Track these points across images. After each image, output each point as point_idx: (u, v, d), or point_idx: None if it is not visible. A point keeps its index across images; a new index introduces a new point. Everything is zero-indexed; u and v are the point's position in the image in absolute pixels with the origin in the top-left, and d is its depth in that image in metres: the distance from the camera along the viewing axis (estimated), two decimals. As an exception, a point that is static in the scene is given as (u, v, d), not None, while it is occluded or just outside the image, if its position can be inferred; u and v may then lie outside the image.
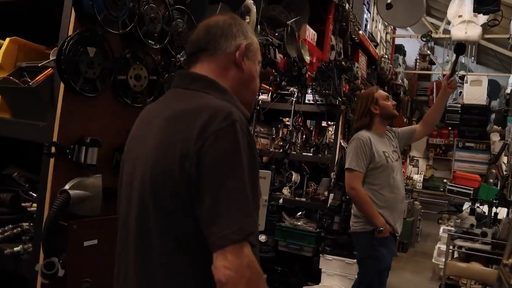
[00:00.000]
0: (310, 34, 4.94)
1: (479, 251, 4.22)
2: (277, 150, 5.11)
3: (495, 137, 5.95)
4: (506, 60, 11.38)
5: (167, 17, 1.96)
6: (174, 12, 2.00)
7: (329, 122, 5.77)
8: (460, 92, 11.92)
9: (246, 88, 1.40)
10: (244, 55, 1.37)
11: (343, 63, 5.10)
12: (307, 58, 4.66)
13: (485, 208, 4.57)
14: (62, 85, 1.68)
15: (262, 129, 5.50)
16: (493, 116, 9.71)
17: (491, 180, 7.11)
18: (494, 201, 4.46)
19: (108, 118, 1.86)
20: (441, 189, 10.91)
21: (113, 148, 1.86)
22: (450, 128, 12.29)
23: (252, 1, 2.74)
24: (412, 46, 11.95)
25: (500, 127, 7.34)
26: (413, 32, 10.72)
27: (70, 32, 1.68)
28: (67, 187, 1.64)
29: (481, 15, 8.20)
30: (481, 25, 8.33)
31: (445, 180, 11.20)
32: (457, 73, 11.42)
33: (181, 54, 1.99)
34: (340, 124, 4.93)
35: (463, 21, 8.26)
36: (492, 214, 4.44)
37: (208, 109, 1.18)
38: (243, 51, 1.36)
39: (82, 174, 1.71)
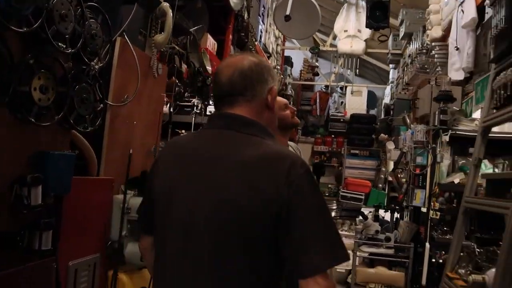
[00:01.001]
0: (211, 43, 4.77)
1: (384, 255, 4.34)
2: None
3: (390, 146, 6.28)
4: (383, 73, 12.29)
5: (79, 15, 1.63)
6: (86, 10, 1.68)
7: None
8: (342, 102, 12.65)
9: (273, 125, 1.54)
10: (272, 95, 1.49)
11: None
12: (209, 69, 4.48)
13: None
14: None
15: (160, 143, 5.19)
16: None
17: (380, 185, 7.52)
18: (396, 207, 4.64)
19: (2, 141, 1.48)
20: (327, 194, 11.41)
21: (11, 180, 1.50)
22: (333, 136, 12.97)
23: (168, 5, 2.50)
24: (297, 58, 12.35)
25: (386, 135, 7.79)
26: (299, 45, 11.08)
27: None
28: None
29: (364, 31, 8.74)
30: (364, 40, 8.84)
31: (330, 186, 11.76)
32: (338, 84, 12.11)
33: (95, 61, 1.68)
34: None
35: (349, 36, 8.70)
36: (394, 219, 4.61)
37: (286, 158, 1.33)
38: (275, 95, 1.49)
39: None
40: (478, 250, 2.23)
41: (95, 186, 2.14)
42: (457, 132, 4.27)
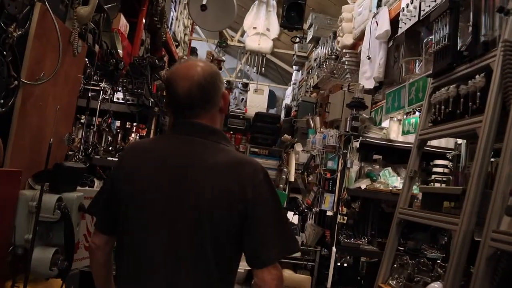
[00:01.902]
0: (123, 25, 4.39)
1: (291, 258, 4.32)
2: (77, 154, 4.38)
3: (298, 147, 6.32)
4: (285, 74, 12.51)
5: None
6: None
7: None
8: (243, 99, 12.66)
9: (222, 124, 1.69)
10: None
11: (156, 61, 4.70)
12: (121, 52, 4.11)
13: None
14: None
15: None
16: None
17: (281, 186, 7.59)
18: (305, 210, 4.64)
19: None
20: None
21: None
22: (232, 132, 12.94)
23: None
24: (202, 50, 12.11)
25: (290, 136, 7.88)
26: (205, 37, 10.84)
27: None
28: None
29: (273, 30, 8.76)
30: (272, 39, 8.87)
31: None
32: (240, 81, 12.09)
33: (13, 27, 1.35)
34: (152, 127, 4.52)
35: (257, 33, 8.66)
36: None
37: (250, 163, 1.53)
38: (228, 100, 1.65)
39: None
40: (411, 262, 2.24)
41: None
42: (367, 139, 4.39)
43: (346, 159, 4.31)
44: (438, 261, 2.32)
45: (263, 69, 9.12)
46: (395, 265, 2.27)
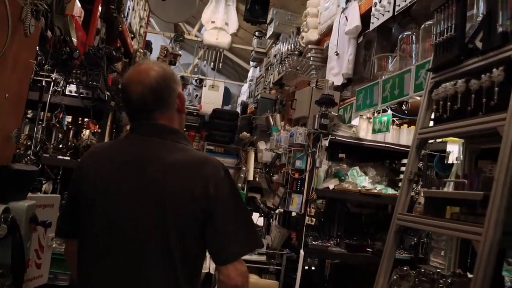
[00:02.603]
0: (78, 11, 4.01)
1: (256, 262, 4.11)
2: (28, 154, 3.98)
3: (261, 146, 6.10)
4: (241, 71, 12.28)
5: None
6: None
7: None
8: (197, 95, 12.31)
9: (183, 124, 1.71)
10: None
11: (113, 51, 4.36)
12: (75, 40, 3.74)
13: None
14: None
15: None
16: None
17: (240, 185, 7.35)
18: (271, 211, 4.44)
19: None
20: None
21: None
22: (185, 129, 12.60)
23: None
24: (156, 44, 11.68)
25: (249, 134, 7.66)
26: (160, 30, 10.44)
27: None
28: None
29: (232, 25, 8.53)
30: (230, 34, 8.62)
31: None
32: (194, 76, 11.76)
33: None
34: (108, 123, 4.18)
35: (215, 28, 8.38)
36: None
37: (210, 162, 1.55)
38: (182, 98, 1.65)
39: None
40: (412, 272, 2.07)
41: None
42: (336, 137, 4.24)
43: (315, 158, 4.14)
44: (439, 270, 2.17)
45: (220, 65, 8.83)
46: (394, 277, 2.10)
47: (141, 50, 7.40)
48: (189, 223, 1.47)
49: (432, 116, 2.15)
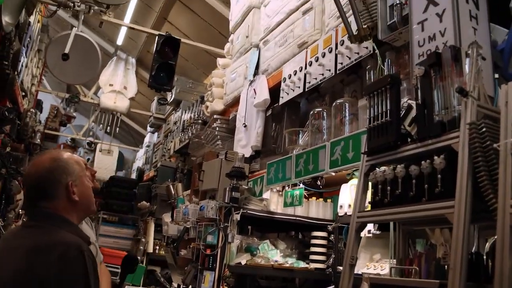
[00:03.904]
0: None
1: None
2: None
3: (166, 218, 5.76)
4: (137, 136, 11.91)
5: None
6: None
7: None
8: (89, 159, 11.61)
9: (88, 202, 1.78)
10: (74, 187, 1.70)
11: (5, 112, 3.95)
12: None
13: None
14: None
15: None
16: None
17: (139, 257, 6.84)
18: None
19: None
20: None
21: None
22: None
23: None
24: (47, 103, 10.98)
25: (148, 203, 7.28)
26: (51, 89, 9.84)
27: None
28: None
29: (130, 89, 8.33)
30: (129, 98, 8.38)
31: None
32: (88, 140, 11.15)
33: None
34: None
35: (114, 91, 8.11)
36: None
37: (60, 245, 1.54)
38: (71, 190, 1.69)
39: None
40: None
41: None
42: (248, 211, 4.14)
43: (227, 233, 3.97)
44: None
45: (117, 129, 8.48)
46: None
47: (32, 110, 6.87)
48: None
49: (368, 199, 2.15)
